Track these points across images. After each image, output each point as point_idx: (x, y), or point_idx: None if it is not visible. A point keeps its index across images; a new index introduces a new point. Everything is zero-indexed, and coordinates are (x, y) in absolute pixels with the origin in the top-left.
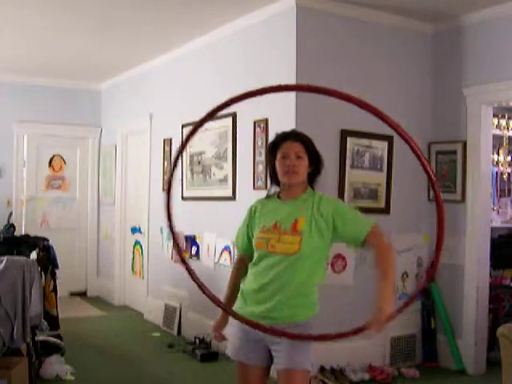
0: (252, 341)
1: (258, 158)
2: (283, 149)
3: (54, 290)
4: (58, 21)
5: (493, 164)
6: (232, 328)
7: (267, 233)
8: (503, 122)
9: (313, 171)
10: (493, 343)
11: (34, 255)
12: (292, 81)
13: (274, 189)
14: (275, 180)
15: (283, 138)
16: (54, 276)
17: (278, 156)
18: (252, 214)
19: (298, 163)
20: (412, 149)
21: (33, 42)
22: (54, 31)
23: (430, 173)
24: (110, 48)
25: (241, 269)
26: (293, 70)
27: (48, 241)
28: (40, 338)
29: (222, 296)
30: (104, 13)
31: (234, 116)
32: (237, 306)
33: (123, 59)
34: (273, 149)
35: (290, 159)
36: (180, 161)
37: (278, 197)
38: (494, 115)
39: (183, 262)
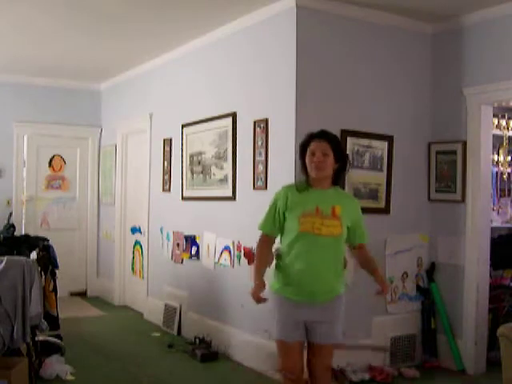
0: (297, 321)
1: (257, 157)
2: (311, 147)
3: (54, 289)
4: (58, 21)
5: (493, 164)
6: (282, 310)
7: (310, 217)
8: (503, 122)
9: (339, 168)
10: (493, 343)
11: (34, 255)
12: (292, 80)
13: (299, 180)
14: (305, 173)
15: (312, 137)
16: (54, 276)
17: (308, 153)
18: (284, 200)
19: (324, 159)
20: None
21: (33, 42)
22: (54, 31)
23: None
24: (110, 48)
25: (271, 248)
26: (293, 69)
27: (48, 241)
28: (40, 338)
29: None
30: (104, 13)
31: (233, 116)
32: (279, 284)
33: (123, 59)
34: (304, 147)
35: (316, 156)
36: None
37: (309, 186)
38: (494, 115)
39: None
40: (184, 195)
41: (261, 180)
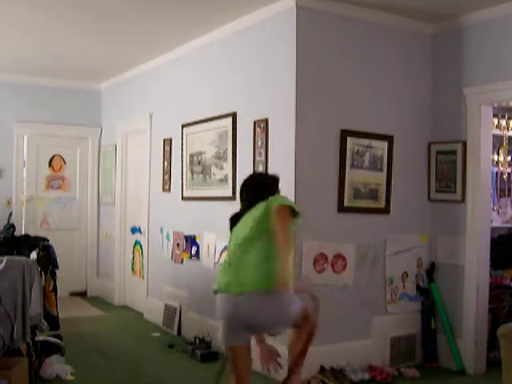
0: None
1: (257, 157)
2: None
3: (54, 289)
4: (58, 21)
5: (493, 164)
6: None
7: None
8: (503, 122)
9: None
10: (493, 343)
11: (34, 255)
12: (292, 80)
13: None
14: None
15: None
16: (54, 276)
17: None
18: None
19: None
20: None
21: (33, 42)
22: (54, 31)
23: None
24: (110, 48)
25: None
26: (293, 69)
27: (48, 241)
28: (40, 338)
29: None
30: (104, 13)
31: (233, 116)
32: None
33: (123, 59)
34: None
35: None
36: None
37: None
38: (494, 115)
39: None
40: (184, 195)
41: None
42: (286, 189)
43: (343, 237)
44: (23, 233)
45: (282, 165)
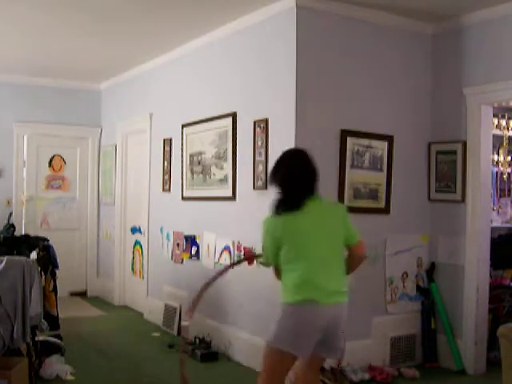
0: None
1: (257, 157)
2: None
3: (54, 289)
4: (58, 21)
5: (493, 164)
6: None
7: None
8: (503, 122)
9: None
10: (493, 343)
11: (34, 255)
12: (292, 80)
13: None
14: None
15: None
16: (54, 276)
17: None
18: None
19: None
20: None
21: (33, 42)
22: (54, 31)
23: None
24: (110, 48)
25: None
26: (293, 69)
27: (48, 241)
28: (40, 338)
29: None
30: (104, 13)
31: (233, 116)
32: None
33: (123, 59)
34: None
35: None
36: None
37: None
38: (494, 115)
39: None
40: (184, 195)
41: (261, 180)
42: None
43: None
44: (23, 233)
45: None
